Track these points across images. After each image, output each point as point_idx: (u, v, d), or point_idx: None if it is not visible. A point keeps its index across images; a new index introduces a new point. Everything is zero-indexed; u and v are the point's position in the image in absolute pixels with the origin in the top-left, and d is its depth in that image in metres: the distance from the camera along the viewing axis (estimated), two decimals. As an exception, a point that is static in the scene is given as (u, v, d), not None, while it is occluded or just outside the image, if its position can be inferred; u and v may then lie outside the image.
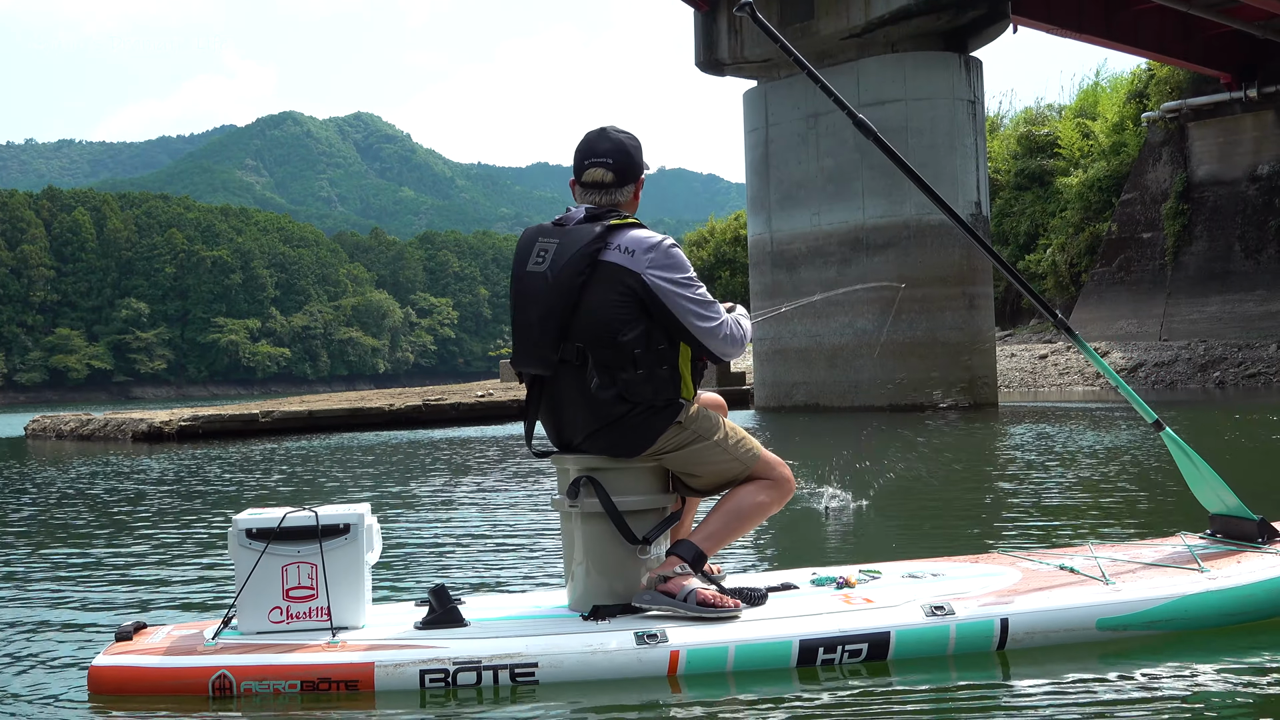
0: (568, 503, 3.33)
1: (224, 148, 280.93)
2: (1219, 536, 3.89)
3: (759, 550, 5.43)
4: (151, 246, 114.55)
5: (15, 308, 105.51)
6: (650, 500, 3.36)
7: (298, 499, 8.29)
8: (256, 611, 3.15)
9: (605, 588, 3.29)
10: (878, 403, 19.54)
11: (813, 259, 20.65)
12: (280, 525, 3.16)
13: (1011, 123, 44.49)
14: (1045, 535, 5.57)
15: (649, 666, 3.00)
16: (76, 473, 11.64)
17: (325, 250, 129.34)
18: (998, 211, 39.55)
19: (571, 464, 3.37)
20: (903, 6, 19.15)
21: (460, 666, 2.94)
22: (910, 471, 8.89)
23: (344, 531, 3.19)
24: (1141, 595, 3.30)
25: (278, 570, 3.15)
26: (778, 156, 21.15)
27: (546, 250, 3.33)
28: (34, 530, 7.14)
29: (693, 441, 3.35)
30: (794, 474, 3.54)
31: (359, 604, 3.20)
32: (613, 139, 3.43)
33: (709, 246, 56.32)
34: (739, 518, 3.35)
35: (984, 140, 20.37)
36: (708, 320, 3.29)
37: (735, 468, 3.38)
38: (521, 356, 3.39)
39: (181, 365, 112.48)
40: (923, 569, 3.72)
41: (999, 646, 3.17)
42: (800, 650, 3.06)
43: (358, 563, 3.19)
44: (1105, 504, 6.66)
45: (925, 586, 3.45)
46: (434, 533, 6.37)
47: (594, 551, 3.31)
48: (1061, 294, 36.66)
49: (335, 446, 14.55)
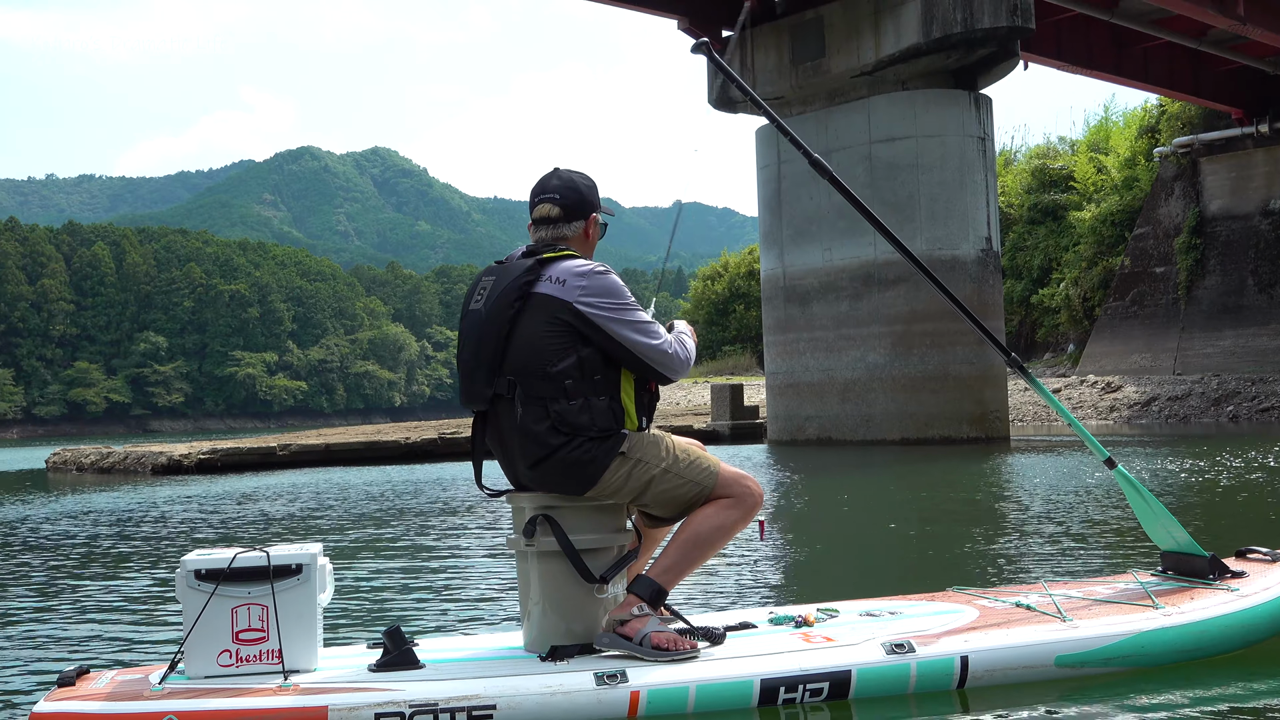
0: (524, 542, 3.28)
1: (242, 182, 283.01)
2: (1170, 573, 3.93)
3: (715, 589, 5.44)
4: (170, 280, 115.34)
5: (35, 341, 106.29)
6: (607, 538, 3.31)
7: (260, 538, 8.20)
8: (205, 655, 3.05)
9: (563, 628, 3.24)
10: (890, 436, 19.64)
11: (825, 294, 20.82)
12: (230, 566, 3.05)
13: (1024, 157, 44.70)
14: (999, 572, 5.61)
15: (609, 708, 2.95)
16: (39, 511, 11.54)
17: (342, 284, 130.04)
18: (1011, 246, 39.67)
19: (527, 503, 3.32)
20: (913, 45, 19.38)
21: (416, 709, 2.86)
22: (873, 507, 8.99)
23: (296, 572, 3.09)
24: (1099, 632, 3.33)
25: (227, 612, 3.05)
26: (790, 193, 21.36)
27: (485, 288, 3.35)
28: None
29: (641, 472, 3.27)
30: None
31: (312, 646, 3.11)
32: (562, 177, 3.47)
33: (723, 281, 56.57)
34: (697, 545, 3.28)
35: (994, 176, 20.55)
36: (649, 338, 3.26)
37: (691, 490, 3.31)
38: (463, 393, 3.38)
39: (199, 398, 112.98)
40: (880, 607, 3.73)
41: (959, 684, 3.18)
42: (761, 690, 3.04)
43: (310, 604, 3.10)
44: (1060, 540, 6.71)
45: (884, 625, 3.44)
46: (389, 572, 6.34)
47: (550, 591, 3.25)
48: (1075, 328, 36.75)
49: (329, 483, 14.62)
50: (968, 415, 19.49)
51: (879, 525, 8.04)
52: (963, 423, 19.44)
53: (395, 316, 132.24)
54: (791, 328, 21.37)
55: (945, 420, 19.43)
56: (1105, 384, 28.81)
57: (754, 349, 49.14)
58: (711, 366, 52.50)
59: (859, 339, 20.25)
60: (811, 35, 20.85)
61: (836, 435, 20.43)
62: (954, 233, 19.69)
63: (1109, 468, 3.89)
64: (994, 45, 19.42)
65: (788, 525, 8.26)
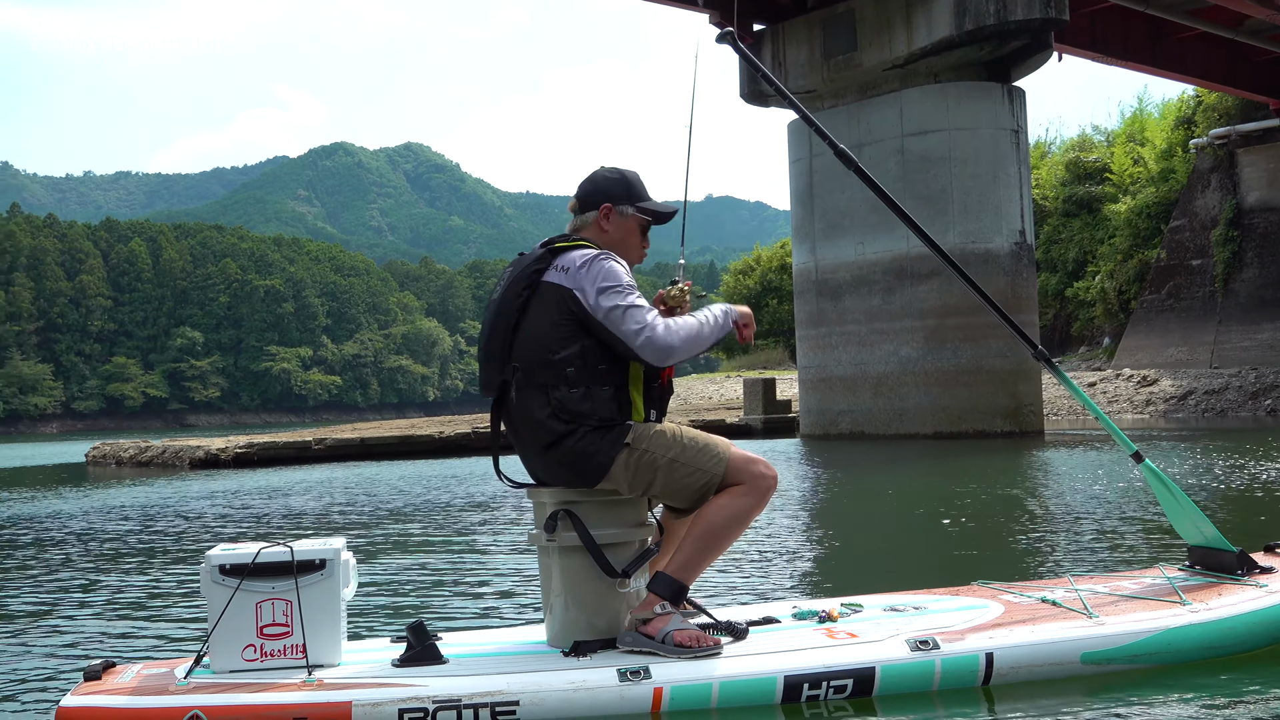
0: (545, 537, 3.27)
1: (276, 178, 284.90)
2: (1198, 568, 3.87)
3: (739, 583, 5.40)
4: (206, 276, 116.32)
5: (74, 336, 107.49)
6: (629, 532, 3.29)
7: (290, 533, 8.27)
8: (230, 649, 3.05)
9: (585, 623, 3.23)
10: (923, 430, 19.59)
11: (857, 288, 20.77)
12: (255, 561, 3.06)
13: (1060, 149, 44.41)
14: (1026, 567, 5.54)
15: (632, 704, 2.94)
16: (76, 505, 11.65)
17: (375, 279, 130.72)
18: (1046, 239, 39.42)
19: (548, 497, 3.31)
20: (945, 38, 19.30)
21: (440, 705, 2.86)
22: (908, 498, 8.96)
23: (320, 567, 3.10)
24: (1125, 629, 3.29)
25: (252, 607, 3.05)
26: (822, 186, 21.32)
27: (504, 278, 3.42)
28: (13, 564, 7.10)
29: (648, 463, 3.23)
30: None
31: (335, 641, 3.13)
32: (591, 174, 3.57)
33: (755, 275, 56.46)
34: (713, 536, 3.22)
35: (1028, 169, 20.43)
36: (623, 320, 3.22)
37: (701, 479, 3.25)
38: (480, 381, 3.47)
39: (234, 393, 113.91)
40: (904, 602, 3.68)
41: (984, 681, 3.15)
42: (785, 686, 3.02)
43: (334, 599, 3.12)
44: (1088, 534, 6.63)
45: (908, 620, 3.40)
46: (415, 567, 6.35)
47: (572, 586, 3.24)
48: (1110, 321, 36.48)
49: (362, 478, 14.72)
50: (1001, 409, 19.40)
51: (907, 520, 8.02)
52: (996, 417, 19.36)
53: (428, 311, 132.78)
54: (824, 322, 21.34)
55: (978, 414, 19.35)
56: (1141, 378, 28.58)
57: (787, 343, 49.06)
58: (744, 360, 52.47)
59: (891, 333, 20.19)
60: (843, 28, 20.79)
61: (869, 429, 20.39)
62: (987, 226, 19.60)
63: (1136, 462, 3.85)
64: (1027, 37, 19.30)
65: (816, 519, 8.24)
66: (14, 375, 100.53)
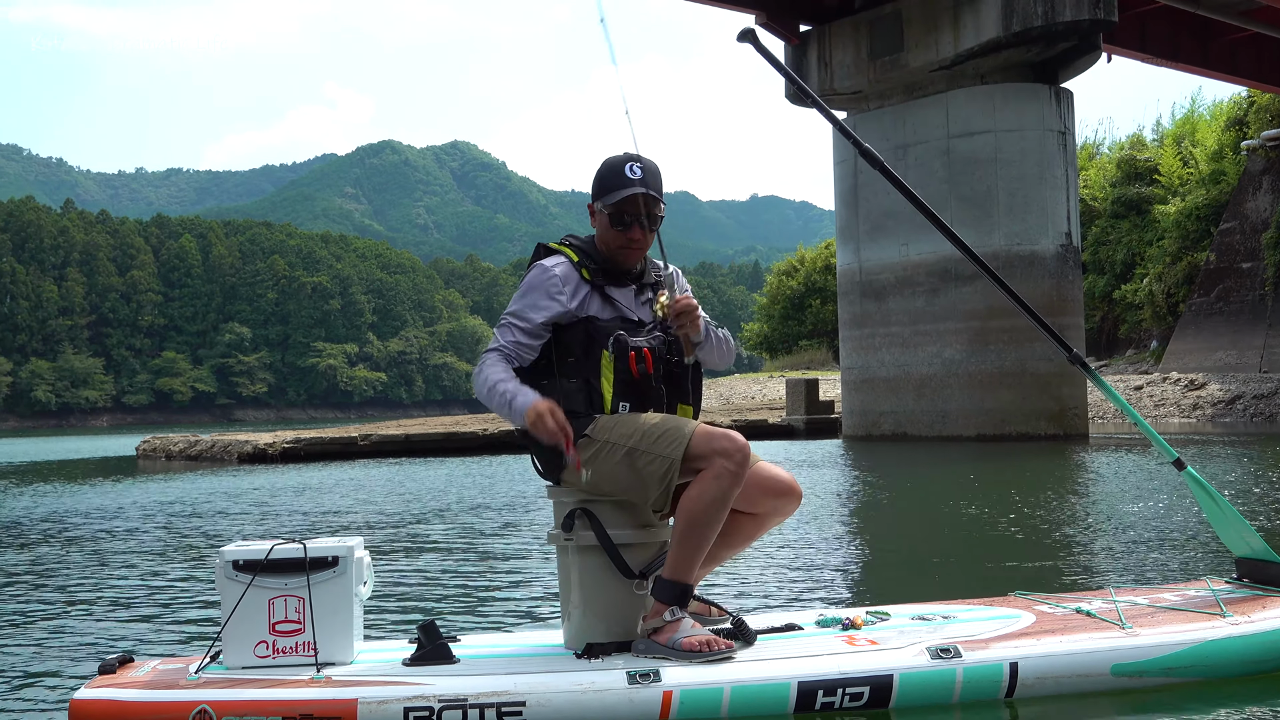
0: (563, 536, 3.24)
1: (324, 176, 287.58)
2: (1245, 581, 3.72)
3: (768, 589, 5.30)
4: (254, 272, 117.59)
5: (124, 331, 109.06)
6: (647, 533, 3.22)
7: (320, 529, 8.36)
8: (242, 645, 3.06)
9: (601, 625, 3.18)
10: (966, 433, 19.52)
11: (901, 289, 20.73)
12: (268, 558, 3.06)
13: (1111, 149, 44.03)
14: (1067, 577, 5.42)
15: (641, 708, 2.89)
16: (120, 499, 11.84)
17: (421, 276, 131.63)
18: (1094, 240, 39.09)
19: (566, 495, 3.27)
20: (992, 39, 19.21)
21: (445, 704, 2.84)
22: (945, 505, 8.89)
23: (332, 565, 3.09)
24: (1159, 640, 3.16)
25: (264, 603, 3.05)
26: (866, 187, 21.28)
27: None
28: (42, 558, 7.21)
29: (609, 455, 3.15)
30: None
31: (347, 639, 3.12)
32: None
33: (799, 275, 56.37)
34: (695, 528, 3.08)
35: (1075, 171, 20.30)
36: (490, 340, 3.31)
37: (661, 466, 3.10)
38: None
39: (281, 388, 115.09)
40: (933, 611, 3.56)
41: (1008, 693, 3.02)
42: (799, 693, 2.93)
43: (346, 597, 3.10)
44: (1134, 544, 6.45)
45: (933, 629, 3.28)
46: (442, 566, 6.35)
47: (589, 587, 3.20)
48: (1158, 324, 36.13)
49: (403, 475, 14.84)
50: (1045, 412, 19.30)
51: (948, 526, 7.91)
52: (1040, 419, 19.25)
53: (473, 309, 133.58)
54: (867, 323, 21.31)
55: (1022, 417, 19.26)
56: (1189, 381, 28.29)
57: (830, 344, 48.95)
58: (787, 361, 52.40)
59: (935, 334, 20.13)
60: (889, 30, 20.74)
61: (912, 431, 20.35)
62: (1033, 228, 19.50)
63: (1178, 469, 3.73)
64: (1075, 38, 19.17)
65: (854, 525, 8.19)
66: (66, 369, 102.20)
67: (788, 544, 6.86)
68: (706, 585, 5.32)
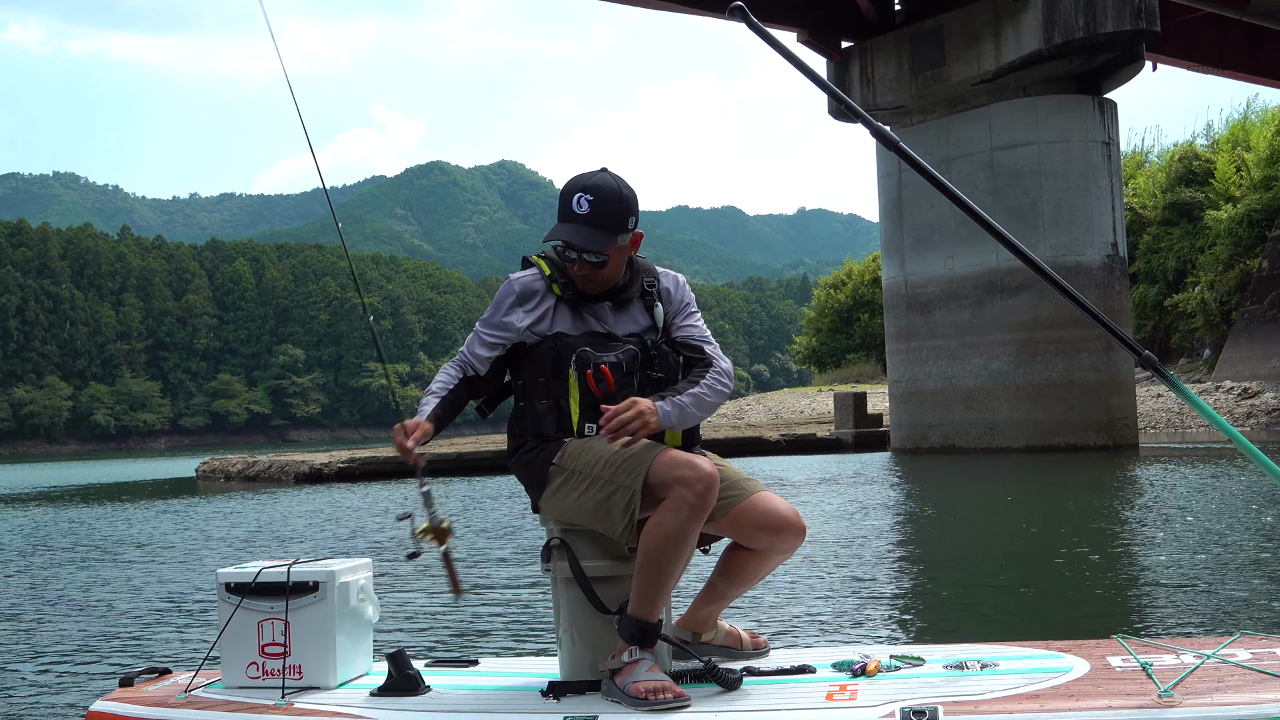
0: (542, 566, 3.15)
1: (374, 197, 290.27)
2: None
3: (827, 622, 4.89)
4: (307, 295, 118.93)
5: (181, 355, 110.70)
6: (623, 565, 3.03)
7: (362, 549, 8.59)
8: (238, 665, 3.11)
9: (588, 658, 3.06)
10: (1015, 444, 19.54)
11: (947, 302, 20.80)
12: (255, 580, 3.11)
13: (1160, 157, 43.69)
14: (1197, 619, 4.74)
15: None
16: (178, 519, 12.15)
17: (471, 296, 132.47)
18: (1145, 248, 38.81)
19: (548, 524, 3.16)
20: (1034, 52, 19.29)
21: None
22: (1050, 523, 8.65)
23: (313, 590, 3.10)
24: (1198, 714, 2.37)
25: (254, 625, 3.11)
26: (911, 201, 21.39)
27: None
28: (90, 567, 7.49)
29: (574, 483, 2.96)
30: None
31: (328, 664, 3.11)
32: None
33: (847, 289, 56.32)
34: (652, 563, 2.83)
35: (1120, 181, 20.30)
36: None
37: (623, 496, 2.85)
38: None
39: (334, 409, 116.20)
40: (976, 656, 3.01)
41: None
42: None
43: (327, 622, 3.10)
44: (1261, 581, 5.60)
45: (950, 682, 2.78)
46: (473, 590, 6.27)
47: (574, 619, 3.09)
48: (1212, 332, 35.81)
49: (451, 493, 15.05)
50: (1095, 423, 19.28)
51: (1039, 552, 7.17)
52: (1089, 430, 19.24)
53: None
54: (914, 336, 21.39)
55: (1071, 428, 19.26)
56: (1242, 389, 28.06)
57: (878, 357, 48.83)
58: (836, 375, 52.34)
59: (981, 346, 20.19)
60: (931, 44, 20.87)
61: (960, 443, 20.39)
62: (1078, 239, 19.52)
63: None
64: (1117, 49, 19.21)
65: (919, 550, 7.74)
66: (124, 392, 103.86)
67: (855, 573, 6.47)
68: (751, 607, 5.20)
